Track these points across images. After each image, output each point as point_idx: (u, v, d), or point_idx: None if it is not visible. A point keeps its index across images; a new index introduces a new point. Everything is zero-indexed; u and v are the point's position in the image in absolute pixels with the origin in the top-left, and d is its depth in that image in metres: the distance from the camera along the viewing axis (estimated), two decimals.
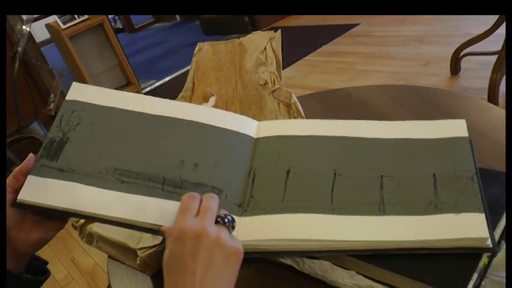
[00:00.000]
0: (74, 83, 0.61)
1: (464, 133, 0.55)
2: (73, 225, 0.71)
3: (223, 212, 0.47)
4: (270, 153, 0.57)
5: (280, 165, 0.55)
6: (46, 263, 0.59)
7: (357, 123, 0.59)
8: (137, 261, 0.61)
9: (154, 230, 0.50)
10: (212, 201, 0.47)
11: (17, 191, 0.50)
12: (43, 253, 0.54)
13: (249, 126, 0.61)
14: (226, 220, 0.45)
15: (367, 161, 0.54)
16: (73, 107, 0.58)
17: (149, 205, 0.51)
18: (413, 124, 0.58)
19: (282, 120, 0.71)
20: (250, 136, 0.60)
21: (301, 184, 0.53)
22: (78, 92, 0.59)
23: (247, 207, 0.52)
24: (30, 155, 0.53)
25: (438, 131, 0.56)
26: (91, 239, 0.69)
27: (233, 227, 0.46)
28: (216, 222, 0.45)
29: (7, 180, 0.51)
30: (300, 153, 0.56)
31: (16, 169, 0.51)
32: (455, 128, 0.56)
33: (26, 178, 0.51)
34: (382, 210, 0.49)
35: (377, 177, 0.52)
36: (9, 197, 0.50)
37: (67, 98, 0.59)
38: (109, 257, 0.68)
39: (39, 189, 0.51)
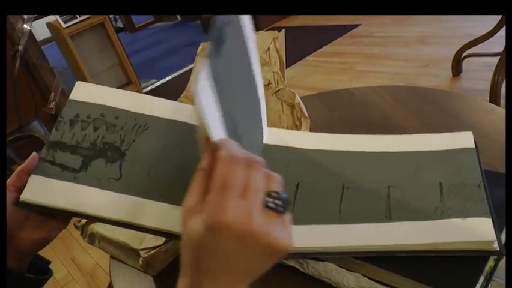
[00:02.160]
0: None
1: (471, 144, 0.55)
2: (74, 224, 0.70)
3: (274, 184, 0.35)
4: (279, 164, 0.56)
5: (289, 178, 0.55)
6: (49, 262, 0.58)
7: (365, 138, 0.59)
8: (140, 262, 0.61)
9: (156, 231, 0.50)
10: (260, 174, 0.34)
11: (20, 189, 0.50)
12: (43, 252, 0.54)
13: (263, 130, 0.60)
14: (279, 204, 0.34)
15: (375, 174, 0.54)
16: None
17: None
18: (420, 137, 0.58)
19: (290, 131, 0.70)
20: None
21: (310, 198, 0.52)
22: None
23: None
24: (34, 153, 0.53)
25: (445, 143, 0.56)
26: (93, 239, 0.69)
27: (285, 211, 0.34)
28: (266, 204, 0.33)
29: (10, 179, 0.51)
30: (310, 168, 0.56)
31: (19, 168, 0.51)
32: (462, 140, 0.56)
33: (29, 177, 0.51)
34: (389, 217, 0.49)
35: (384, 188, 0.52)
36: (12, 195, 0.50)
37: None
38: (111, 256, 0.68)
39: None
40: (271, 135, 0.60)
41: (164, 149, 0.55)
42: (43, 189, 0.50)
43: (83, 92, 0.59)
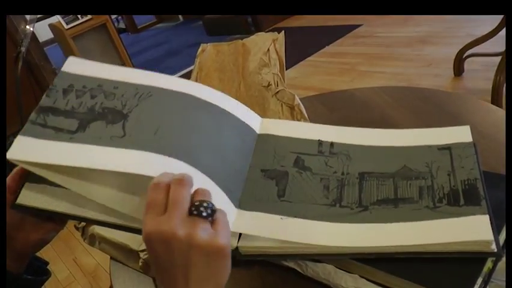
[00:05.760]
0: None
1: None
2: (75, 226, 0.71)
3: (199, 196, 0.40)
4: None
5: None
6: (47, 263, 0.59)
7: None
8: (140, 263, 0.61)
9: None
10: (181, 190, 0.39)
11: (15, 192, 0.50)
12: (45, 253, 0.54)
13: (255, 120, 0.59)
14: (202, 210, 0.38)
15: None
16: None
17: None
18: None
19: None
20: (254, 130, 0.58)
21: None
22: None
23: (246, 201, 0.51)
24: None
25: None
26: (93, 240, 0.69)
27: (212, 216, 0.39)
28: (190, 213, 0.38)
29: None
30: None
31: (14, 170, 0.51)
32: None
33: (24, 180, 0.50)
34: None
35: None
36: (8, 197, 0.49)
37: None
38: (111, 258, 0.68)
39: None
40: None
41: (171, 115, 0.50)
42: (34, 150, 0.44)
43: (77, 65, 0.53)
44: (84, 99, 0.49)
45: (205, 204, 0.39)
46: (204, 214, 0.38)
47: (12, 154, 0.43)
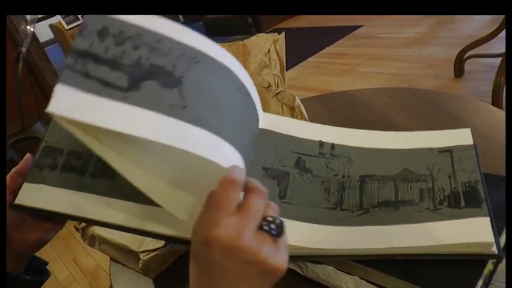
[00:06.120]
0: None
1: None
2: (75, 227, 0.71)
3: (271, 211, 0.37)
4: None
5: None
6: (46, 263, 0.58)
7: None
8: (140, 264, 0.61)
9: (155, 235, 0.49)
10: (259, 200, 0.36)
11: (14, 191, 0.49)
12: (45, 253, 0.54)
13: (260, 112, 0.55)
14: (273, 228, 0.36)
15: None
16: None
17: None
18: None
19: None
20: (259, 123, 0.55)
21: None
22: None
23: None
24: (28, 155, 0.51)
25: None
26: (93, 241, 0.69)
27: (279, 236, 0.36)
28: (261, 227, 0.36)
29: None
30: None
31: (13, 170, 0.50)
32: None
33: (23, 179, 0.50)
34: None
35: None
36: (7, 197, 0.49)
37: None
38: (111, 259, 0.68)
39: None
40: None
41: (222, 92, 0.42)
42: (81, 106, 0.34)
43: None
44: (126, 48, 0.38)
45: (277, 222, 0.37)
46: (274, 232, 0.36)
47: (54, 107, 0.33)
